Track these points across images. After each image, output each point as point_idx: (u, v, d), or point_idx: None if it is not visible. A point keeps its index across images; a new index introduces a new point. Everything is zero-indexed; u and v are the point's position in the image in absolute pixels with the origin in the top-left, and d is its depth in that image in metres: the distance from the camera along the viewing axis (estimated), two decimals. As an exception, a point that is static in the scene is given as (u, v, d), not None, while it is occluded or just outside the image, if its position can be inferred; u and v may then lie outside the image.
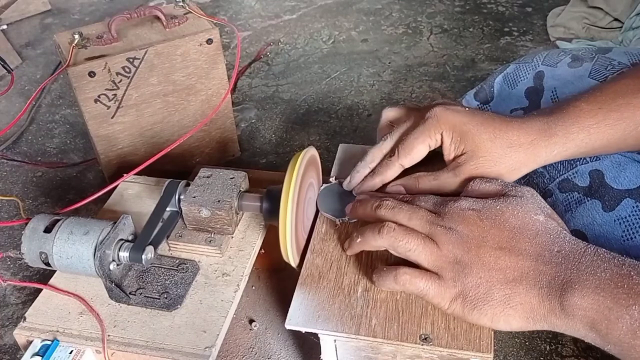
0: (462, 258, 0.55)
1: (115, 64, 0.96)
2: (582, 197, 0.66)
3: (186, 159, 1.11)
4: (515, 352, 0.83)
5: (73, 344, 0.64)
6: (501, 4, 1.71)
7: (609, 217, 0.63)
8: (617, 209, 0.63)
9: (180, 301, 0.67)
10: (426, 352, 0.59)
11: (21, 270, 1.00)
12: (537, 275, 0.52)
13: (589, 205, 0.65)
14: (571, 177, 0.68)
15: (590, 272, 0.50)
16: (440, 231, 0.57)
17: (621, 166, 0.65)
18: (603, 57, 0.73)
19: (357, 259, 0.67)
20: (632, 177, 0.64)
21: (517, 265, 0.54)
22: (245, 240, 0.74)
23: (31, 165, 1.22)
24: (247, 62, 1.52)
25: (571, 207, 0.66)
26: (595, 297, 0.49)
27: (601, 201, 0.64)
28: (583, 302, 0.49)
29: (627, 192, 0.63)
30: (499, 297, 0.53)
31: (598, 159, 0.67)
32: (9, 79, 1.43)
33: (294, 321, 0.61)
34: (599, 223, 0.63)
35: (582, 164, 0.68)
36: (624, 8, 1.42)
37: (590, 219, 0.64)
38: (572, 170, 0.68)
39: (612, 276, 0.49)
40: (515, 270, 0.53)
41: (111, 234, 0.65)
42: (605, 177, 0.65)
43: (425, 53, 1.53)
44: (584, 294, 0.49)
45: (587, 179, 0.66)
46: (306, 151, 0.69)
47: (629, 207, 0.62)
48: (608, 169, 0.66)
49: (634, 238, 0.60)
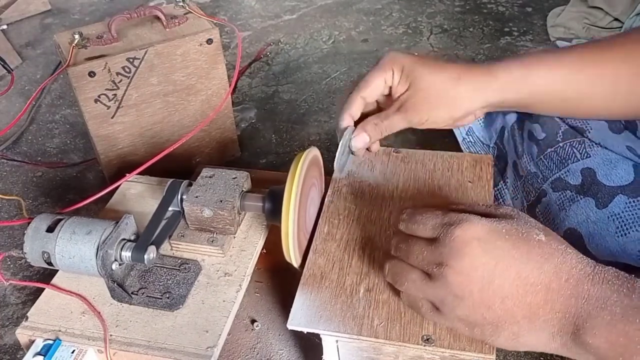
0: (462, 298, 0.52)
1: (115, 64, 0.96)
2: (575, 195, 0.66)
3: (186, 159, 1.11)
4: (515, 352, 0.83)
5: (75, 343, 0.64)
6: (501, 4, 1.71)
7: (603, 214, 0.63)
8: (610, 206, 0.63)
9: (182, 301, 0.67)
10: (428, 353, 0.59)
11: (21, 270, 1.00)
12: (547, 314, 0.50)
13: (583, 203, 0.65)
14: (563, 176, 0.68)
15: (600, 305, 0.47)
16: (437, 271, 0.52)
17: (612, 163, 0.66)
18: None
19: (359, 260, 0.67)
20: (623, 173, 0.64)
21: (524, 303, 0.50)
22: (247, 240, 0.74)
23: (31, 165, 1.22)
24: (247, 62, 1.52)
25: (565, 205, 0.66)
26: (608, 335, 0.47)
27: (594, 198, 0.64)
28: (595, 340, 0.47)
29: (619, 188, 0.63)
30: (508, 333, 0.51)
31: (589, 156, 0.67)
32: (9, 79, 1.43)
33: (296, 321, 0.61)
34: (593, 220, 0.63)
35: (573, 163, 0.68)
36: (624, 8, 1.42)
37: (584, 217, 0.64)
38: (564, 169, 0.68)
39: (624, 310, 0.47)
40: (523, 309, 0.50)
41: (113, 233, 0.65)
42: (597, 175, 0.65)
43: (426, 53, 1.53)
44: (596, 332, 0.47)
45: (579, 177, 0.67)
46: (308, 151, 0.69)
47: (621, 203, 0.62)
48: (599, 167, 0.66)
49: (627, 234, 0.61)
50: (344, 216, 0.72)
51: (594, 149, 0.68)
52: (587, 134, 0.69)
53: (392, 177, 0.77)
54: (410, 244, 0.55)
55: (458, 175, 0.76)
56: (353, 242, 0.69)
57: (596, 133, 0.69)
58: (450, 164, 0.78)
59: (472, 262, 0.50)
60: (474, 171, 0.76)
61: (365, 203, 0.74)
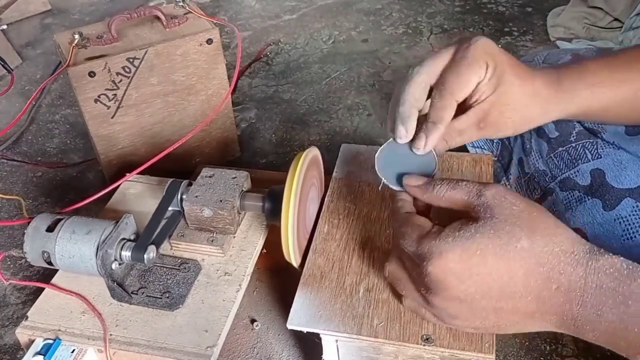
0: (458, 316, 0.52)
1: (115, 64, 0.96)
2: (582, 196, 0.66)
3: (186, 159, 1.11)
4: (515, 352, 0.83)
5: (75, 343, 0.64)
6: (501, 4, 1.71)
7: (609, 216, 0.63)
8: (617, 208, 0.62)
9: (182, 301, 0.67)
10: (428, 353, 0.59)
11: (21, 270, 1.00)
12: (542, 316, 0.49)
13: (590, 204, 0.64)
14: (572, 176, 0.68)
15: (596, 312, 0.47)
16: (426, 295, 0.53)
17: (622, 165, 0.65)
18: None
19: (359, 259, 0.67)
20: (633, 176, 0.64)
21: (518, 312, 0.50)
22: (247, 240, 0.74)
23: (31, 165, 1.22)
24: (247, 62, 1.52)
25: (572, 205, 0.66)
26: (608, 337, 0.47)
27: (602, 200, 0.64)
28: (598, 340, 0.48)
29: (627, 191, 0.63)
30: (510, 330, 0.52)
31: (600, 157, 0.67)
32: (9, 79, 1.43)
33: (296, 321, 0.61)
34: (599, 222, 0.63)
35: (584, 163, 0.68)
36: (624, 8, 1.42)
37: (590, 218, 0.64)
38: (574, 169, 0.68)
39: (620, 317, 0.46)
40: (518, 316, 0.50)
41: (113, 233, 0.65)
42: (606, 177, 0.65)
43: (426, 53, 1.53)
44: (597, 336, 0.47)
45: (589, 177, 0.66)
46: (308, 151, 0.69)
47: (629, 206, 0.62)
48: (609, 168, 0.66)
49: (634, 237, 0.60)
50: (344, 216, 0.72)
51: (606, 150, 0.67)
52: (601, 134, 0.69)
53: (392, 176, 0.77)
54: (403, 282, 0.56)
55: (458, 174, 0.76)
56: (353, 242, 0.69)
57: (611, 135, 0.69)
58: (450, 163, 0.78)
59: (452, 292, 0.50)
60: (473, 171, 0.76)
61: (365, 203, 0.74)
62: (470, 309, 0.51)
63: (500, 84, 0.58)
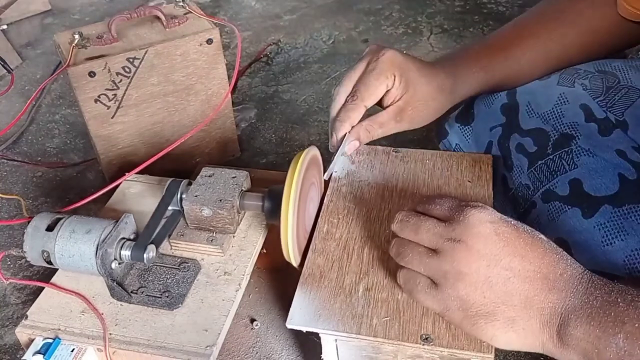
0: (467, 274, 0.53)
1: (115, 64, 0.96)
2: (562, 206, 0.67)
3: (186, 159, 1.11)
4: (515, 352, 0.83)
5: (75, 342, 0.64)
6: (501, 4, 1.71)
7: (589, 224, 0.64)
8: (595, 216, 0.64)
9: (181, 300, 0.67)
10: (427, 352, 0.59)
11: (21, 270, 1.00)
12: (541, 302, 0.52)
13: (570, 213, 0.66)
14: (553, 188, 0.69)
15: (584, 300, 0.51)
16: (447, 245, 0.54)
17: (598, 173, 0.67)
18: (569, 68, 0.77)
19: (359, 259, 0.67)
20: (609, 183, 0.65)
21: (524, 288, 0.52)
22: (246, 240, 0.74)
23: (31, 165, 1.22)
24: (247, 62, 1.52)
25: (554, 216, 0.67)
26: (587, 327, 0.49)
27: (580, 208, 0.65)
28: (577, 332, 0.50)
29: (604, 198, 0.64)
30: (503, 319, 0.52)
31: (576, 166, 0.68)
32: (9, 79, 1.43)
33: (295, 320, 0.61)
34: (579, 230, 0.64)
35: (562, 174, 0.69)
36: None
37: (571, 227, 0.65)
38: (553, 180, 0.69)
39: (602, 304, 0.50)
40: (522, 294, 0.52)
41: (113, 232, 0.65)
42: (583, 186, 0.67)
43: (426, 53, 1.53)
44: (578, 324, 0.50)
45: (567, 188, 0.68)
46: (308, 151, 0.69)
47: (607, 213, 0.63)
48: (585, 177, 0.67)
49: (613, 243, 0.61)
50: (344, 215, 0.72)
51: (581, 159, 0.69)
52: (576, 140, 0.70)
53: (392, 176, 0.77)
54: (422, 220, 0.57)
55: (457, 174, 0.76)
56: (352, 242, 0.69)
57: (585, 140, 0.70)
58: (449, 163, 0.78)
59: (484, 240, 0.53)
60: (473, 170, 0.76)
61: (364, 202, 0.74)
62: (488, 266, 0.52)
63: (410, 86, 0.73)
